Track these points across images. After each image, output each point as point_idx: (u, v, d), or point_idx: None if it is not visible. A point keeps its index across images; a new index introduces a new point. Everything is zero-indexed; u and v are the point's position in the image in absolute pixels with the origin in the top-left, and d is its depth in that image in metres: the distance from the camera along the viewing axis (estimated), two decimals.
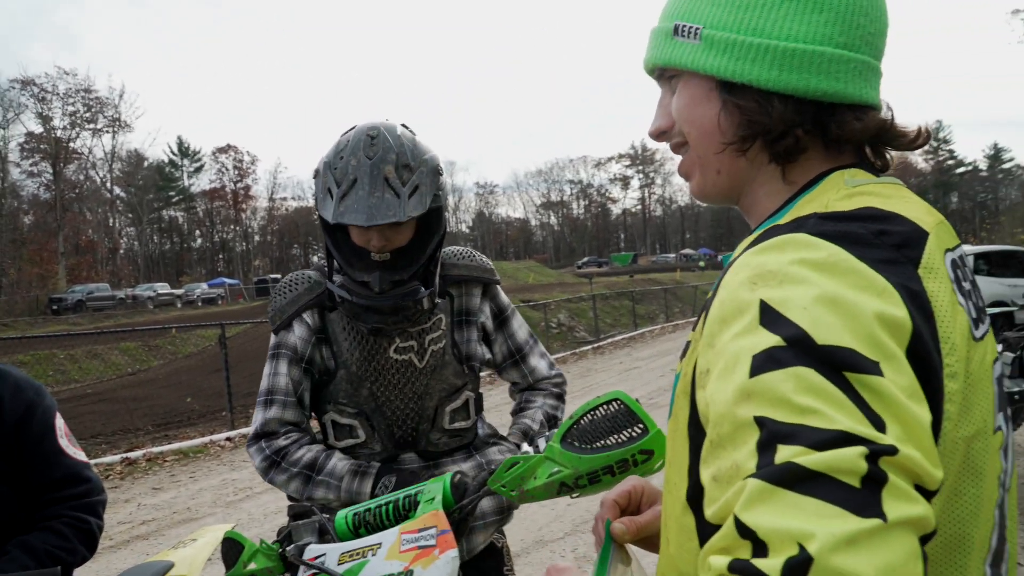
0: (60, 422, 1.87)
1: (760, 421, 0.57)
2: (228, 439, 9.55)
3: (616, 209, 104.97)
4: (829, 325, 0.60)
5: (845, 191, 0.76)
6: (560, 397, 2.02)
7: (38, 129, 58.59)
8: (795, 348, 0.59)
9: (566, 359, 17.52)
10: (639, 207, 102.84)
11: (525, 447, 1.54)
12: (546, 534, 5.28)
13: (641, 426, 1.31)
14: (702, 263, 57.20)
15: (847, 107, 0.78)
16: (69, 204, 58.81)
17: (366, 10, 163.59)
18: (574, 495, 1.38)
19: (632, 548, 1.04)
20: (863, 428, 0.55)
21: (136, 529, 6.02)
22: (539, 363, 2.01)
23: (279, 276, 51.24)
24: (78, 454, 1.88)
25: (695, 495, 0.72)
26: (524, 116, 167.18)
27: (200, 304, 42.77)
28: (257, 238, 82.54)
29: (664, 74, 0.88)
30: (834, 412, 0.55)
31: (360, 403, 1.79)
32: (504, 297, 1.99)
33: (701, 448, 0.66)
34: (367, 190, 1.62)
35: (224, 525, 2.85)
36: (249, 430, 1.91)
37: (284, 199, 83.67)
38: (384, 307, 1.71)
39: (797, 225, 0.72)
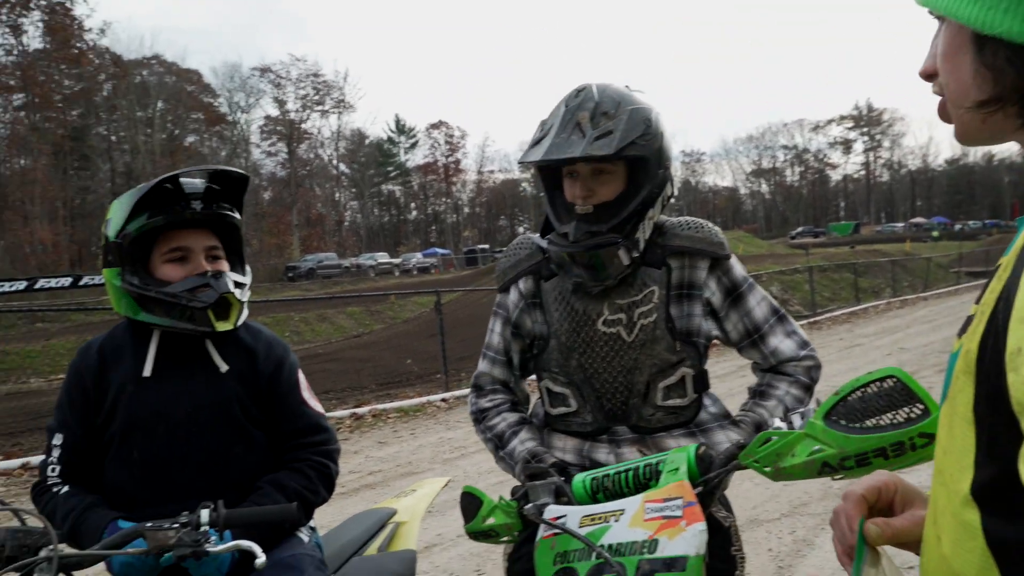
0: (302, 377, 2.01)
1: None
2: (443, 400, 10.01)
3: (835, 175, 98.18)
4: None
5: None
6: (808, 388, 1.81)
7: (274, 112, 64.73)
8: None
9: None
10: (862, 173, 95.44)
11: (777, 422, 1.40)
12: (761, 513, 5.02)
13: (921, 406, 1.16)
14: (935, 233, 52.06)
15: None
16: (301, 180, 64.53)
17: None
18: (837, 476, 1.25)
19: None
20: None
21: (365, 479, 6.45)
22: (783, 343, 1.82)
23: (487, 246, 53.32)
24: (317, 406, 2.01)
25: (983, 489, 0.64)
26: (733, 81, 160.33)
27: (415, 273, 45.36)
28: (466, 210, 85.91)
29: (932, 12, 0.77)
30: None
31: (570, 373, 1.78)
32: (739, 271, 1.82)
33: (991, 435, 0.62)
34: (555, 132, 1.63)
35: (440, 478, 2.95)
36: (464, 392, 2.00)
37: (492, 172, 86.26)
38: (577, 257, 1.68)
39: None
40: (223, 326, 1.80)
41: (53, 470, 1.82)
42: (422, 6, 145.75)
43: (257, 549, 1.46)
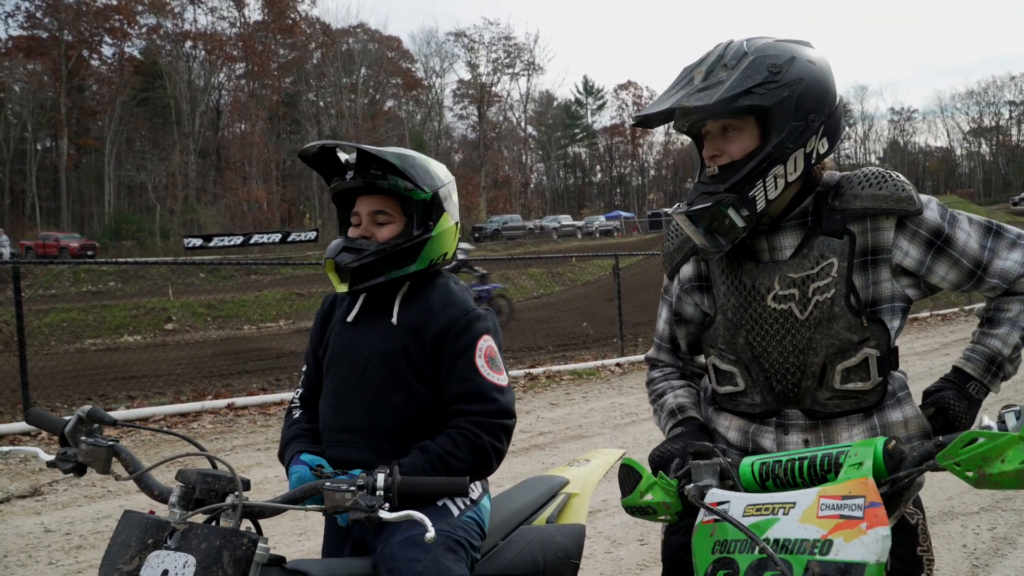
0: (485, 344, 1.95)
1: None
2: (618, 364, 9.91)
3: None
4: None
5: None
6: None
7: (467, 76, 66.48)
8: None
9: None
10: None
11: (987, 420, 1.19)
12: (956, 505, 4.55)
13: None
14: None
15: None
16: (490, 143, 66.05)
17: None
18: None
19: None
20: None
21: (535, 439, 6.52)
22: (1008, 260, 1.58)
23: (670, 210, 52.09)
24: (494, 377, 1.93)
25: None
26: (951, 29, 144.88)
27: (598, 236, 45.30)
28: (652, 172, 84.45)
29: None
30: None
31: (738, 351, 1.65)
32: (933, 217, 1.56)
33: None
34: (679, 84, 1.55)
35: (616, 450, 2.84)
36: (638, 358, 1.94)
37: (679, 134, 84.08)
38: (683, 222, 1.59)
39: None
40: (341, 288, 1.97)
41: (297, 393, 2.13)
42: None
43: (427, 523, 1.44)
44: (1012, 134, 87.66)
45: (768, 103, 1.48)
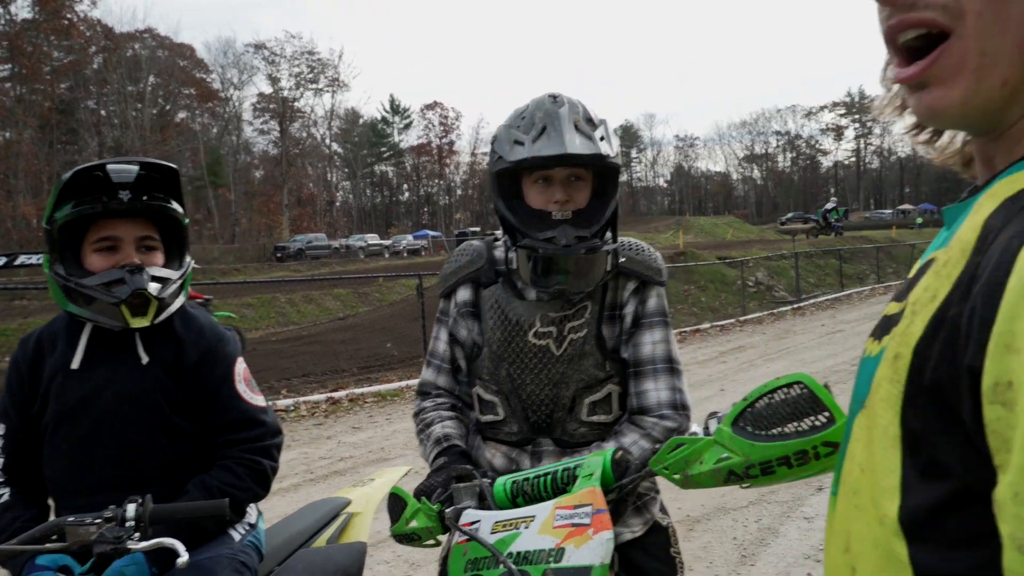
0: (240, 368, 1.95)
1: None
2: None
3: (826, 162, 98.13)
4: None
5: None
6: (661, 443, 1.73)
7: (267, 90, 64.25)
8: None
9: (763, 319, 16.74)
10: (852, 159, 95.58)
11: (694, 427, 1.38)
12: (728, 501, 5.04)
13: (827, 414, 1.14)
14: (919, 219, 52.10)
15: None
16: (293, 159, 64.10)
17: None
18: (744, 485, 1.24)
19: None
20: None
21: (335, 465, 6.44)
22: (653, 389, 1.72)
23: (479, 229, 53.12)
24: (255, 399, 1.95)
25: (914, 517, 0.56)
26: (729, 66, 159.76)
27: (405, 255, 45.18)
28: (459, 192, 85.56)
29: None
30: None
31: (500, 382, 1.77)
32: (656, 303, 1.78)
33: (931, 457, 0.55)
34: (560, 131, 1.61)
35: (400, 468, 2.92)
36: None
37: (485, 154, 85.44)
38: (571, 262, 1.65)
39: None
40: (138, 323, 1.78)
41: None
42: None
43: (180, 547, 1.44)
44: (779, 161, 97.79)
45: (619, 166, 1.68)
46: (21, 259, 32.25)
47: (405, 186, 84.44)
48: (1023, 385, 0.47)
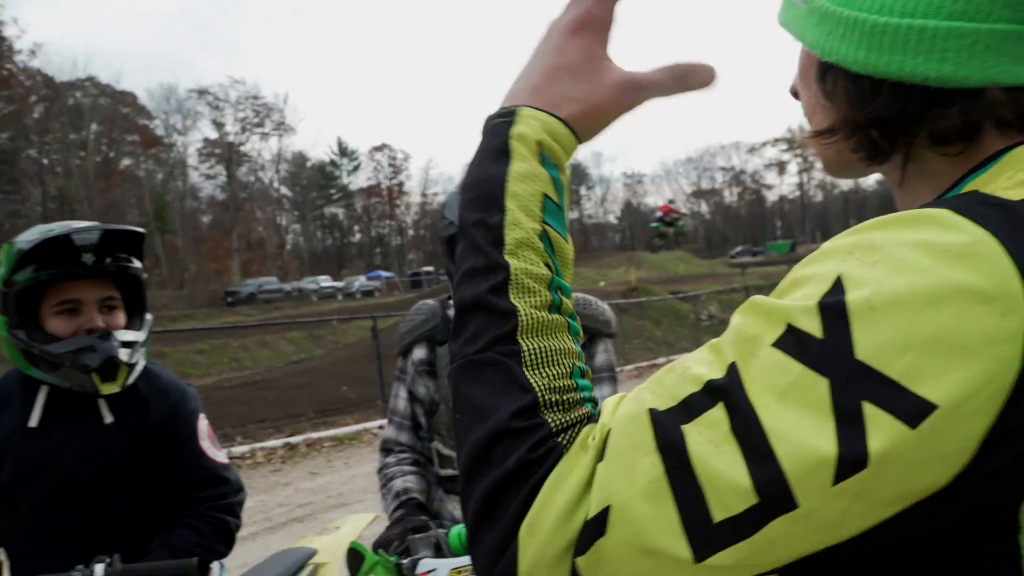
0: (203, 424, 1.93)
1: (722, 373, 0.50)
2: (380, 427, 9.88)
3: (772, 196, 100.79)
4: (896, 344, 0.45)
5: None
6: None
7: (213, 135, 63.83)
8: (826, 348, 0.46)
9: None
10: (797, 193, 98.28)
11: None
12: None
13: None
14: None
15: (967, 92, 0.57)
16: (241, 204, 63.51)
17: (513, 16, 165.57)
18: None
19: None
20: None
21: (293, 512, 6.31)
22: None
23: (432, 269, 53.06)
24: (218, 456, 1.94)
25: None
26: (673, 104, 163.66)
27: (359, 296, 44.85)
28: (411, 232, 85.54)
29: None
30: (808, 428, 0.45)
31: None
32: (604, 358, 1.85)
33: None
34: None
35: (366, 514, 2.88)
36: None
37: (436, 194, 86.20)
38: None
39: (959, 202, 0.53)
40: (108, 389, 1.74)
41: None
42: (360, 31, 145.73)
43: None
44: (725, 195, 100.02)
45: None
46: None
47: (356, 228, 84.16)
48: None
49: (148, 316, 1.92)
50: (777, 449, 0.44)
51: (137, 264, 1.85)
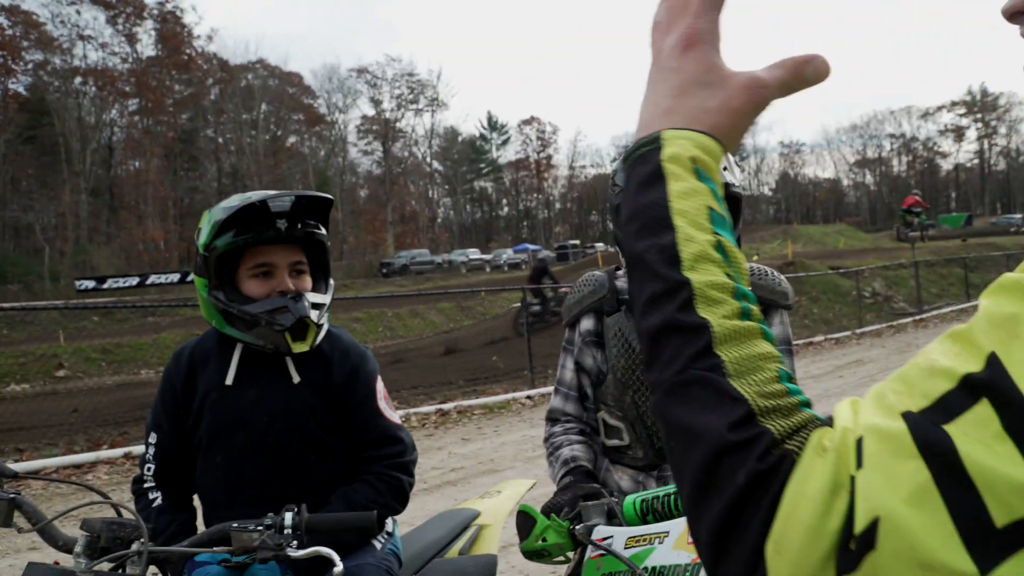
0: (380, 385, 2.01)
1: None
2: (528, 397, 10.03)
3: (946, 164, 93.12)
4: None
5: None
6: None
7: (370, 112, 66.47)
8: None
9: (881, 332, 16.00)
10: (976, 161, 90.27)
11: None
12: None
13: None
14: None
15: None
16: (396, 178, 65.96)
17: None
18: None
19: None
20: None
21: (447, 475, 6.53)
22: None
23: (578, 242, 53.09)
24: (394, 416, 2.01)
25: None
26: (837, 69, 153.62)
27: (506, 268, 45.59)
28: (558, 205, 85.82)
29: None
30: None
31: (625, 409, 1.80)
32: (781, 330, 1.82)
33: None
34: None
35: (526, 480, 2.92)
36: (548, 389, 2.02)
37: (583, 167, 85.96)
38: None
39: None
40: (300, 347, 1.84)
41: (149, 469, 1.93)
42: (512, 5, 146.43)
43: (335, 557, 1.48)
44: (893, 165, 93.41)
45: (740, 194, 1.75)
46: (152, 279, 34.41)
47: (504, 201, 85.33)
48: None
49: (331, 281, 2.02)
50: None
51: (323, 231, 1.94)
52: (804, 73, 0.65)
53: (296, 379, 1.89)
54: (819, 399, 8.86)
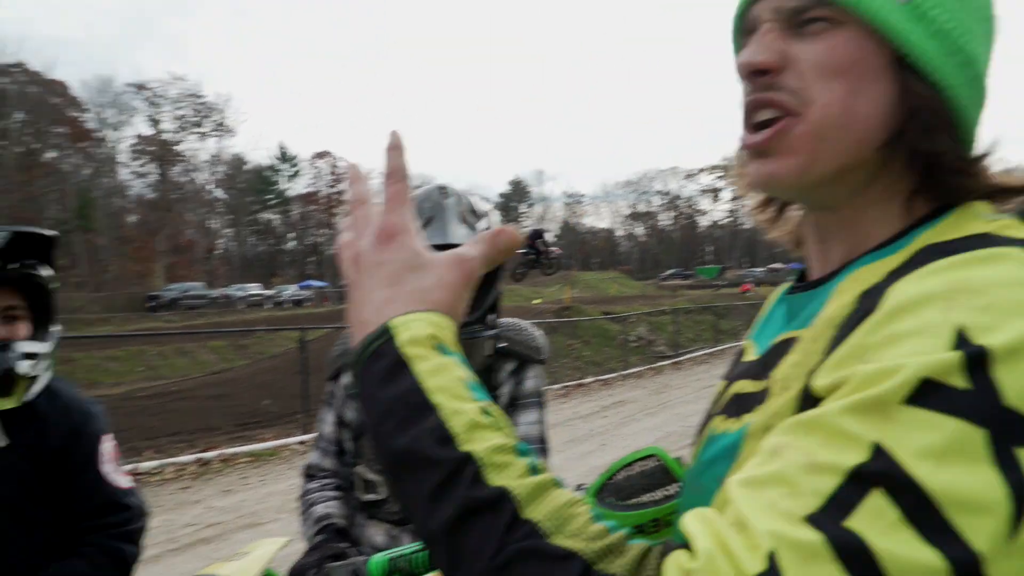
0: (108, 446, 1.83)
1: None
2: (300, 443, 9.66)
3: (704, 221, 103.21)
4: None
5: (1004, 222, 0.59)
6: None
7: (148, 131, 62.05)
8: (976, 398, 0.45)
9: (643, 374, 17.19)
10: (728, 219, 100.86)
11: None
12: None
13: (678, 484, 1.19)
14: (791, 278, 55.07)
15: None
16: (171, 205, 61.80)
17: (465, 24, 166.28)
18: None
19: None
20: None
21: (201, 532, 6.09)
22: None
23: None
24: (121, 480, 1.84)
25: None
26: (615, 126, 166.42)
27: (289, 306, 44.05)
28: None
29: (804, 15, 0.64)
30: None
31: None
32: (533, 384, 1.85)
33: None
34: (444, 221, 1.70)
35: (279, 539, 2.77)
36: None
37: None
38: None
39: (985, 241, 0.55)
40: (3, 404, 1.65)
41: None
42: (309, 36, 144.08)
43: None
44: (661, 219, 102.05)
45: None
46: None
47: (291, 235, 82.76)
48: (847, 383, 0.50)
49: (55, 327, 1.81)
50: (958, 522, 0.42)
51: (45, 272, 1.74)
52: (498, 244, 0.68)
53: (2, 442, 1.67)
54: (586, 438, 9.33)
